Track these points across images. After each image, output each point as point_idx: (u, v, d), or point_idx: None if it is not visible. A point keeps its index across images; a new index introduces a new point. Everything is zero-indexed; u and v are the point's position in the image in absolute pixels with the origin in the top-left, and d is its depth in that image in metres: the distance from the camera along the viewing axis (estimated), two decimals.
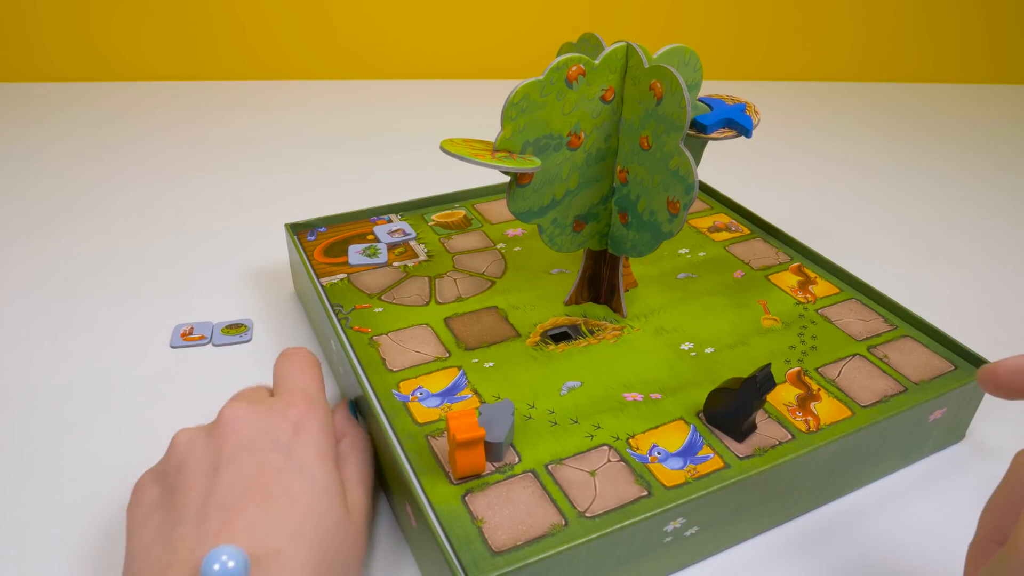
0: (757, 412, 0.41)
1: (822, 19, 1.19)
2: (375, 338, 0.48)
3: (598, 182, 0.47)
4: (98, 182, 0.80)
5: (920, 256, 0.71)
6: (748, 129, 0.45)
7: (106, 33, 1.07)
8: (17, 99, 1.02)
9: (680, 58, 0.46)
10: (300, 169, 0.84)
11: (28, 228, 0.70)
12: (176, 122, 0.96)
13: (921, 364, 0.47)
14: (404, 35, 1.14)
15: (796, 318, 0.51)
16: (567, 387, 0.44)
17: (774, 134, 0.99)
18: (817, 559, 0.40)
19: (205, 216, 0.73)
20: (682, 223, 0.43)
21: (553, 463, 0.39)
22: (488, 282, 0.54)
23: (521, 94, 0.41)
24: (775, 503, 0.40)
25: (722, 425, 0.41)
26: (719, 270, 0.56)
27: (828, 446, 0.40)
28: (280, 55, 1.12)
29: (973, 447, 0.48)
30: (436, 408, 0.42)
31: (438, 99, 1.08)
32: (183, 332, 0.55)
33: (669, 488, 0.37)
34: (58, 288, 0.61)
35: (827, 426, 0.42)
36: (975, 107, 1.14)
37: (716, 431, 0.41)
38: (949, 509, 0.43)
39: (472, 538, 0.34)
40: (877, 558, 0.40)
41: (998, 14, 1.21)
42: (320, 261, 0.56)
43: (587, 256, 0.51)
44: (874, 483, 0.45)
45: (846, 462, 0.42)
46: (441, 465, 0.38)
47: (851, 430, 0.40)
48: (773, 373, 0.45)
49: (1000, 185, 0.87)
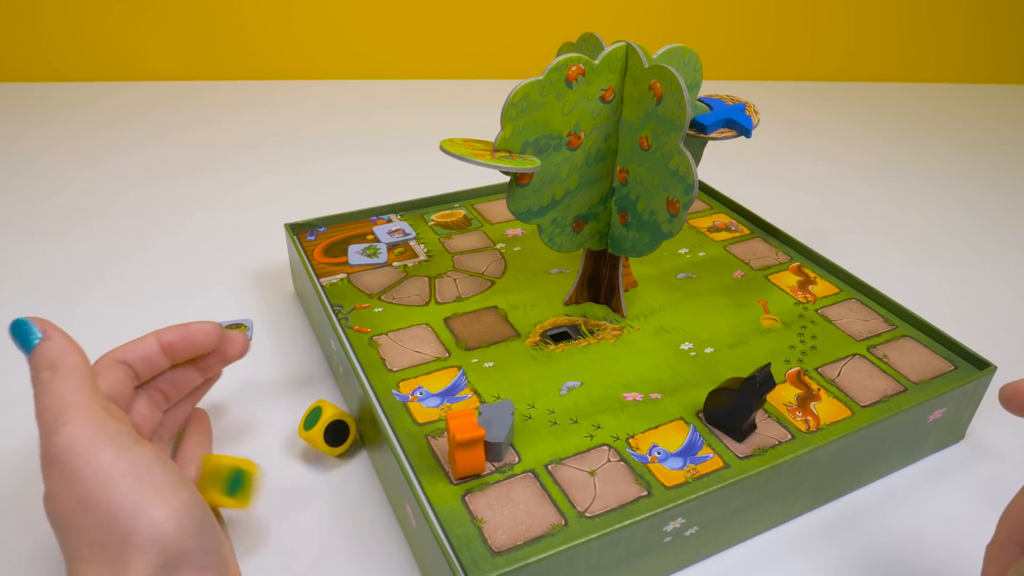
0: (757, 412, 0.41)
1: (822, 19, 1.19)
2: (375, 338, 0.48)
3: (598, 182, 0.47)
4: (98, 182, 0.80)
5: (920, 256, 0.71)
6: (748, 129, 0.45)
7: (106, 33, 1.07)
8: (17, 99, 1.02)
9: (680, 58, 0.46)
10: (300, 169, 0.84)
11: (28, 228, 0.70)
12: (176, 122, 0.96)
13: (921, 364, 0.47)
14: (404, 35, 1.14)
15: (796, 318, 0.51)
16: (567, 387, 0.44)
17: (774, 134, 0.99)
18: (817, 559, 0.40)
19: (205, 216, 0.73)
20: (682, 223, 0.43)
21: (553, 463, 0.39)
22: (488, 282, 0.54)
23: (521, 94, 0.41)
24: (775, 503, 0.40)
25: (722, 425, 0.41)
26: (719, 270, 0.56)
27: (828, 446, 0.39)
28: (280, 55, 1.12)
29: (973, 447, 0.48)
30: (436, 408, 0.42)
31: (438, 99, 1.08)
32: None
33: (669, 488, 0.37)
34: (58, 288, 0.61)
35: (827, 426, 0.42)
36: (975, 107, 1.14)
37: (716, 431, 0.41)
38: (949, 509, 0.43)
39: (472, 538, 0.34)
40: (877, 558, 0.40)
41: (998, 14, 1.21)
42: (320, 261, 0.56)
43: (587, 256, 0.51)
44: (874, 483, 0.45)
45: (846, 462, 0.42)
46: (441, 465, 0.38)
47: (851, 430, 0.40)
48: (773, 373, 0.45)
49: (1000, 185, 0.87)
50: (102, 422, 0.30)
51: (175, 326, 0.39)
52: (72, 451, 0.29)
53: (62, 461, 0.29)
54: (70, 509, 0.29)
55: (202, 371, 0.42)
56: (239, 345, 0.42)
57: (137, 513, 0.28)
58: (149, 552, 0.28)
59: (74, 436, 0.29)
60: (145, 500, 0.29)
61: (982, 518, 0.42)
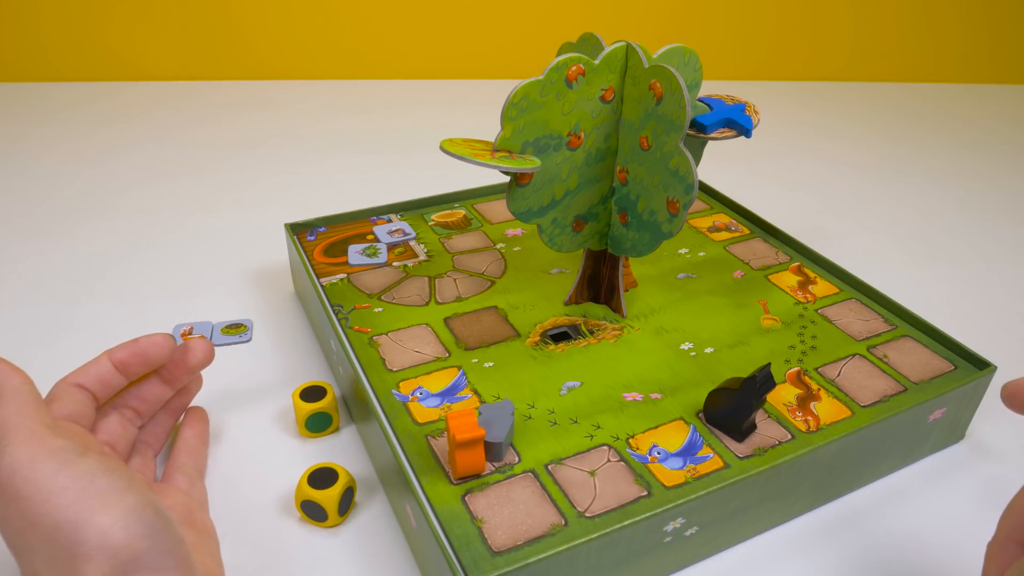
0: (757, 412, 0.41)
1: (822, 19, 1.19)
2: (375, 338, 0.48)
3: (598, 182, 0.47)
4: (98, 182, 0.80)
5: (920, 256, 0.71)
6: (748, 129, 0.45)
7: (106, 33, 1.07)
8: (17, 99, 1.02)
9: (680, 58, 0.46)
10: (300, 169, 0.84)
11: (28, 228, 0.70)
12: (176, 122, 0.96)
13: (921, 364, 0.47)
14: (404, 35, 1.14)
15: (796, 318, 0.51)
16: (567, 387, 0.44)
17: (774, 134, 0.99)
18: (817, 559, 0.40)
19: (205, 216, 0.73)
20: (682, 223, 0.43)
21: (553, 463, 0.39)
22: (488, 282, 0.54)
23: (521, 94, 0.41)
24: (775, 503, 0.40)
25: (722, 425, 0.41)
26: (719, 270, 0.56)
27: (828, 446, 0.39)
28: (280, 55, 1.12)
29: (973, 447, 0.48)
30: (436, 408, 0.42)
31: (438, 99, 1.08)
32: (183, 332, 0.55)
33: (669, 488, 0.37)
34: (58, 288, 0.61)
35: (827, 426, 0.42)
36: (975, 107, 1.14)
37: (716, 431, 0.41)
38: (949, 509, 0.43)
39: (472, 538, 0.34)
40: (877, 558, 0.40)
41: (998, 14, 1.21)
42: (320, 261, 0.56)
43: (587, 256, 0.51)
44: (874, 483, 0.45)
45: (846, 462, 0.42)
46: (441, 465, 0.38)
47: (851, 430, 0.40)
48: (773, 373, 0.46)
49: (1000, 185, 0.87)
50: (44, 440, 0.30)
51: (125, 343, 0.40)
52: (13, 472, 0.29)
53: (4, 483, 0.29)
54: (18, 529, 0.29)
55: (168, 383, 0.42)
56: (201, 352, 0.42)
57: (81, 523, 0.28)
58: (98, 559, 0.28)
59: (15, 457, 0.29)
60: (88, 510, 0.29)
61: (982, 518, 0.42)
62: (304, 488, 0.39)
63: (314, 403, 0.45)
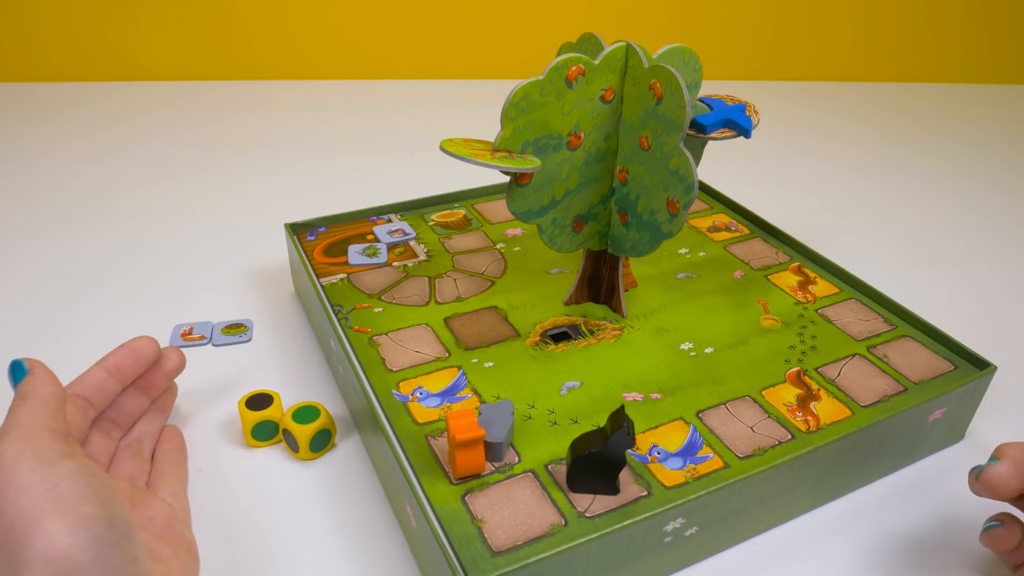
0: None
1: (822, 19, 1.19)
2: (375, 338, 0.48)
3: (598, 182, 0.47)
4: (98, 182, 0.80)
5: (920, 256, 0.71)
6: (748, 129, 0.45)
7: (106, 33, 1.07)
8: (17, 99, 1.02)
9: (680, 58, 0.46)
10: (300, 169, 0.84)
11: (28, 228, 0.70)
12: (176, 122, 0.96)
13: (921, 364, 0.47)
14: (404, 35, 1.14)
15: (796, 318, 0.51)
16: (567, 387, 0.44)
17: (774, 134, 0.99)
18: (817, 559, 0.40)
19: (205, 216, 0.73)
20: (682, 223, 0.43)
21: (553, 463, 0.39)
22: (488, 282, 0.54)
23: (521, 94, 0.41)
24: (775, 503, 0.40)
25: (596, 488, 0.37)
26: (719, 270, 0.56)
27: (828, 446, 0.39)
28: (279, 55, 1.12)
29: (973, 447, 0.48)
30: (436, 408, 0.42)
31: (438, 99, 1.08)
32: (183, 332, 0.55)
33: (669, 488, 0.37)
34: (58, 288, 0.61)
35: (827, 426, 0.42)
36: (975, 107, 1.14)
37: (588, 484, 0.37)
38: (949, 509, 0.43)
39: (472, 538, 0.34)
40: (877, 558, 0.40)
41: (998, 14, 1.21)
42: (320, 261, 0.56)
43: (587, 256, 0.51)
44: (874, 483, 0.45)
45: (846, 462, 0.42)
46: (441, 465, 0.38)
47: (851, 430, 0.40)
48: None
49: (1000, 185, 0.87)
50: (36, 440, 0.30)
51: (114, 349, 0.41)
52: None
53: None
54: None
55: (146, 391, 0.43)
56: (174, 357, 0.44)
57: (32, 526, 0.28)
58: (38, 565, 0.27)
59: (4, 452, 0.30)
60: (42, 514, 0.28)
61: (982, 518, 0.42)
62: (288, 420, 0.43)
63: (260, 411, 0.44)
